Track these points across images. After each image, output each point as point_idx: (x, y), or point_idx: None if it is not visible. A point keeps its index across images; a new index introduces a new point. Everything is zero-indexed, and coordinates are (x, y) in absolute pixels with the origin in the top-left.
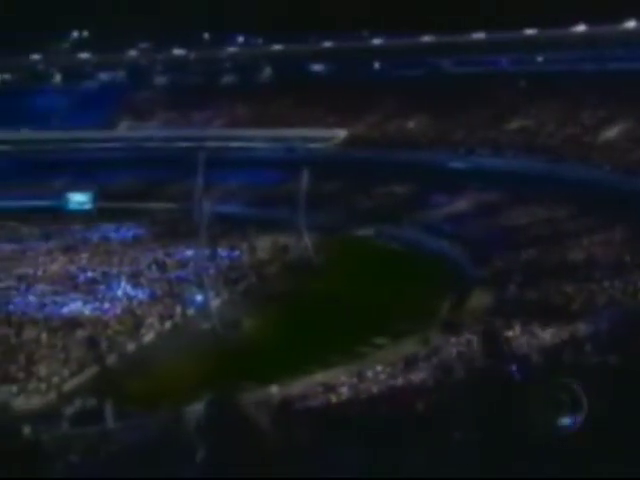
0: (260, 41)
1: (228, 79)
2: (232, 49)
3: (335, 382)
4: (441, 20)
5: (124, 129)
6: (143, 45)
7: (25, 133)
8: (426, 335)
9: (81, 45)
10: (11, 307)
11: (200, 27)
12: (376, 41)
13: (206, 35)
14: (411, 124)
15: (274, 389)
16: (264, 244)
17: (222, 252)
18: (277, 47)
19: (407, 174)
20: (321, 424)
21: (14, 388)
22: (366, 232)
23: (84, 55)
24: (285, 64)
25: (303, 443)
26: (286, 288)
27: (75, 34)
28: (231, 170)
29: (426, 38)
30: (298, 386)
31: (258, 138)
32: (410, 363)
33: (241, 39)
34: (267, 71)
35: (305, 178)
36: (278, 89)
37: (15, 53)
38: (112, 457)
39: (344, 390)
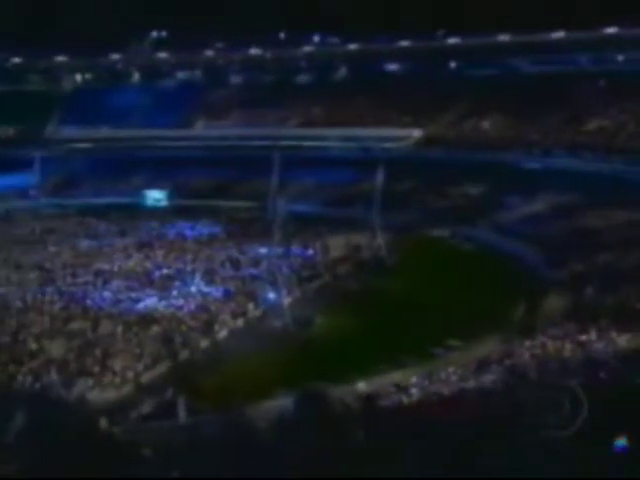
0: (336, 40)
1: (304, 78)
2: (308, 48)
3: (406, 383)
4: (519, 19)
5: (200, 128)
6: (220, 45)
7: (104, 131)
8: (501, 337)
9: (159, 45)
10: (88, 302)
11: (276, 27)
12: (452, 40)
13: (282, 34)
14: (487, 124)
15: (346, 388)
16: (338, 243)
17: (295, 250)
18: (353, 46)
19: (482, 174)
20: (392, 424)
21: (90, 381)
22: (440, 233)
23: (162, 55)
24: (361, 63)
25: (374, 442)
26: (359, 287)
27: (154, 34)
28: (306, 169)
29: (503, 37)
30: (369, 386)
31: (333, 137)
32: (482, 366)
33: (317, 38)
34: (342, 70)
35: (380, 178)
36: (353, 88)
37: (95, 53)
38: (183, 452)
39: (415, 391)
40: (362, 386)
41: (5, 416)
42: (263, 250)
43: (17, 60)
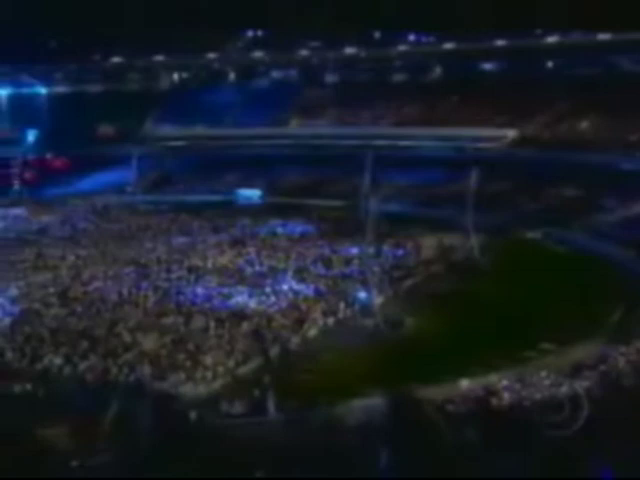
0: (431, 39)
1: (398, 77)
2: (403, 47)
3: (497, 386)
4: (618, 17)
5: (294, 127)
6: (315, 44)
7: (200, 130)
8: (595, 342)
9: (255, 44)
10: (181, 297)
11: (371, 26)
12: (550, 39)
13: (377, 34)
14: (584, 124)
15: (436, 390)
16: (430, 243)
17: (387, 250)
18: (448, 45)
19: (578, 176)
20: (481, 427)
21: (182, 376)
22: (534, 234)
23: (258, 54)
24: (456, 63)
25: (464, 444)
26: (451, 288)
27: (249, 34)
28: (399, 169)
29: (602, 35)
30: (459, 388)
31: (427, 137)
32: (576, 370)
33: (412, 37)
34: (437, 70)
35: (473, 178)
36: (448, 88)
37: (192, 52)
38: (272, 448)
39: (506, 394)
40: (452, 389)
41: (100, 408)
42: (355, 249)
43: (116, 60)
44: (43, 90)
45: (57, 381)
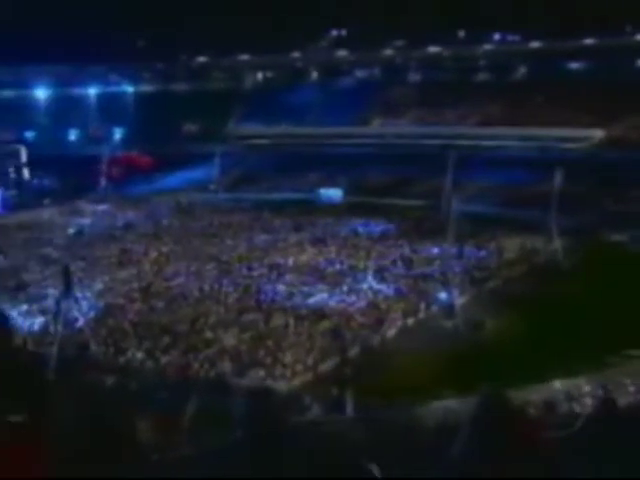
0: (517, 38)
1: (482, 77)
2: (488, 46)
3: (578, 391)
4: None
5: (377, 126)
6: (398, 43)
7: (283, 128)
8: None
9: (338, 43)
10: (262, 295)
11: (456, 25)
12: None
13: (461, 32)
14: None
15: (516, 394)
16: (512, 245)
17: (469, 251)
18: (534, 44)
19: None
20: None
21: (261, 372)
22: (620, 237)
23: (341, 53)
24: (541, 62)
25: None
26: (533, 291)
27: (333, 33)
28: (482, 169)
29: None
30: (538, 392)
31: (511, 137)
32: None
33: (497, 36)
34: (522, 69)
35: (558, 179)
36: (533, 87)
37: (276, 52)
38: (349, 447)
39: (587, 401)
40: (532, 393)
41: (180, 402)
42: (436, 249)
43: (202, 59)
44: (131, 89)
45: (139, 375)
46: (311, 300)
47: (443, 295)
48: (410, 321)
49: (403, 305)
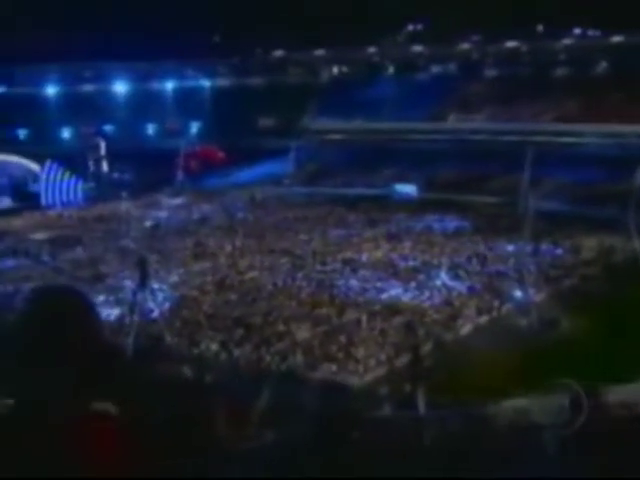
0: (597, 33)
1: (561, 72)
2: (567, 41)
3: None
4: None
5: (453, 121)
6: (475, 37)
7: (357, 123)
8: None
9: (415, 38)
10: (335, 290)
11: (534, 19)
12: None
13: (540, 27)
14: None
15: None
16: (589, 244)
17: (545, 249)
18: (615, 39)
19: None
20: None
21: (333, 367)
22: None
23: (417, 48)
24: (622, 57)
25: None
26: (609, 291)
27: (409, 27)
28: (559, 166)
29: None
30: (614, 393)
31: (590, 134)
32: None
33: (577, 31)
34: (602, 64)
35: (638, 177)
36: (613, 83)
37: (352, 46)
38: (419, 444)
39: None
40: (607, 395)
41: (252, 394)
42: (511, 247)
43: (278, 53)
44: (207, 84)
45: (213, 366)
46: (384, 295)
47: (518, 293)
48: (484, 318)
49: (477, 302)
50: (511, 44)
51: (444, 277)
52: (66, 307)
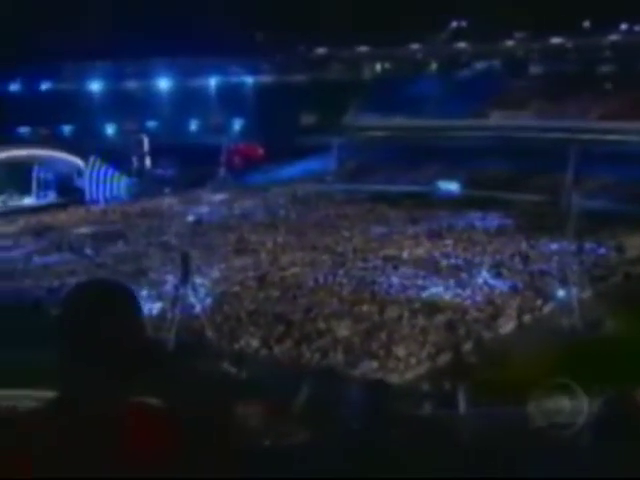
0: None
1: (608, 69)
2: (613, 37)
3: None
4: None
5: (496, 118)
6: (519, 34)
7: (400, 120)
8: None
9: (458, 35)
10: (376, 287)
11: (581, 15)
12: None
13: (586, 23)
14: None
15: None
16: (634, 243)
17: (589, 248)
18: None
19: None
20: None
21: (374, 364)
22: None
23: (461, 45)
24: None
25: None
26: None
27: (453, 24)
28: (605, 164)
29: None
30: None
31: (635, 131)
32: None
33: (624, 27)
34: None
35: None
36: None
37: (395, 43)
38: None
39: None
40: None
41: (293, 390)
42: (554, 245)
43: (321, 50)
44: (250, 80)
45: (253, 362)
46: (425, 293)
47: (560, 292)
48: (526, 317)
49: (519, 301)
50: (556, 40)
51: (486, 275)
52: (110, 301)
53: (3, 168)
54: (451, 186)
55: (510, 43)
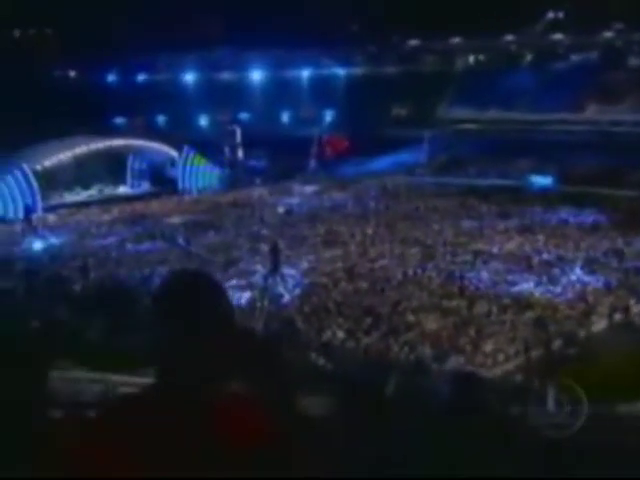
0: None
1: None
2: None
3: None
4: None
5: (592, 112)
6: (618, 25)
7: (493, 113)
8: None
9: (555, 26)
10: (465, 281)
11: None
12: None
13: None
14: None
15: None
16: None
17: None
18: None
19: None
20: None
21: (461, 359)
22: None
23: (557, 36)
24: None
25: None
26: None
27: (549, 15)
28: None
29: None
30: None
31: None
32: None
33: None
34: None
35: None
36: None
37: (489, 35)
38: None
39: None
40: None
41: (379, 382)
42: None
43: (413, 42)
44: (342, 72)
45: (340, 354)
46: (515, 289)
47: None
48: (619, 316)
49: (612, 299)
50: None
51: (578, 272)
52: (208, 290)
53: (101, 157)
54: (544, 180)
55: (608, 34)
